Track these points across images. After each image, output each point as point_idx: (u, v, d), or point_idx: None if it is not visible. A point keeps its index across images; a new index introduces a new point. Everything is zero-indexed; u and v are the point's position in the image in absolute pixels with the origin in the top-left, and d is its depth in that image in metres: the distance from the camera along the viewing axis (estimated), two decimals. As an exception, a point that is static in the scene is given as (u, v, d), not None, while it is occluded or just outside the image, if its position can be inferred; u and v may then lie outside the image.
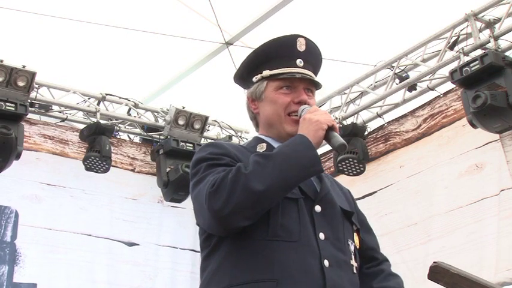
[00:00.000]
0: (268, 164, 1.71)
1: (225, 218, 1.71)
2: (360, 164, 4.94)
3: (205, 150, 1.92)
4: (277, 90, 1.97)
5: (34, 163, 4.83)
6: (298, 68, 1.97)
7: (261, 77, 2.00)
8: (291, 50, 2.00)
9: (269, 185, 1.69)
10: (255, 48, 2.08)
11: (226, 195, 1.69)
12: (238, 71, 2.11)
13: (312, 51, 2.04)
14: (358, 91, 5.24)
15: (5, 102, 4.43)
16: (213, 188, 1.72)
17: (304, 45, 2.02)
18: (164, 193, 5.28)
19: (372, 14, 5.09)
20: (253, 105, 2.05)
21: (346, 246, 1.88)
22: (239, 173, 1.71)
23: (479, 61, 4.06)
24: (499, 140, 4.26)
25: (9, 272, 4.49)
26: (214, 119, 5.76)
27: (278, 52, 2.00)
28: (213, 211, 1.71)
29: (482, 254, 4.18)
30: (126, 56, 5.54)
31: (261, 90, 2.00)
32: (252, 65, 2.04)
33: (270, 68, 1.99)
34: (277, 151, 1.78)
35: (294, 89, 1.97)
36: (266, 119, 2.01)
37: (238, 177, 1.70)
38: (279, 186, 1.72)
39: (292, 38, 2.02)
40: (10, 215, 4.62)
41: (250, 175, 1.69)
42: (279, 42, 2.03)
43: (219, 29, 5.35)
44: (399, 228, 4.76)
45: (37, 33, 5.23)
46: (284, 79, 1.97)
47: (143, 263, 5.16)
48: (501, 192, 4.18)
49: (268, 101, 1.99)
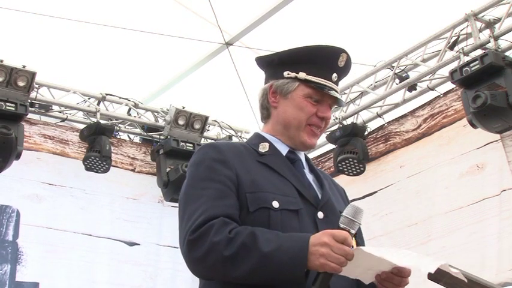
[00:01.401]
0: (253, 257, 1.65)
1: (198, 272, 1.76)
2: (360, 164, 4.94)
3: (204, 152, 1.89)
4: (306, 98, 1.95)
5: (35, 163, 4.84)
6: (332, 83, 1.97)
7: (295, 76, 1.97)
8: (332, 62, 1.98)
9: (244, 276, 1.66)
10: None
11: (201, 257, 1.70)
12: (271, 56, 2.06)
13: (347, 69, 2.04)
14: (358, 91, 5.23)
15: (5, 102, 4.43)
16: (192, 236, 1.72)
17: (344, 62, 2.00)
18: (164, 193, 5.28)
19: (371, 14, 5.09)
20: (273, 98, 2.00)
21: None
22: (218, 248, 1.67)
23: (479, 61, 4.06)
24: (500, 140, 4.25)
25: (11, 270, 4.50)
26: (214, 119, 5.75)
27: (320, 60, 1.97)
28: (190, 259, 1.75)
29: (483, 255, 4.17)
30: (126, 56, 5.55)
31: (289, 89, 1.96)
32: (290, 59, 2.00)
33: (307, 72, 1.96)
34: (268, 250, 1.65)
35: (321, 103, 1.96)
36: (284, 119, 1.98)
37: (216, 253, 1.67)
38: (254, 281, 1.68)
39: (337, 51, 2.00)
40: (12, 214, 4.63)
41: (230, 260, 1.66)
42: (325, 50, 2.00)
43: (219, 29, 5.35)
44: (399, 228, 4.76)
45: (37, 33, 5.23)
46: (316, 91, 1.94)
47: (144, 263, 5.16)
48: (502, 192, 4.18)
49: (294, 104, 1.96)
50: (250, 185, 1.81)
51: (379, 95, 5.05)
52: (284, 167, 1.91)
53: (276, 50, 2.08)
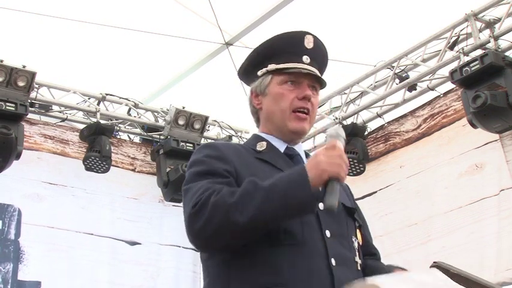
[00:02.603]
0: (257, 196, 1.65)
1: (203, 241, 1.73)
2: (360, 164, 4.94)
3: (201, 152, 1.90)
4: (281, 84, 1.94)
5: (35, 162, 4.84)
6: (304, 64, 1.94)
7: (266, 71, 1.97)
8: (298, 46, 1.96)
9: (251, 217, 1.63)
10: (273, 36, 2.03)
11: (205, 221, 1.67)
12: (243, 65, 2.07)
13: (319, 50, 2.01)
14: (358, 91, 5.24)
15: (5, 102, 4.43)
16: (194, 208, 1.71)
17: (312, 43, 1.98)
18: (164, 193, 5.29)
19: (371, 14, 5.09)
20: (256, 100, 2.00)
21: (351, 244, 1.87)
22: (221, 199, 1.67)
23: (479, 61, 4.06)
24: (499, 140, 4.26)
25: (13, 269, 4.51)
26: (214, 119, 5.76)
27: (285, 47, 1.97)
28: (192, 232, 1.72)
29: (482, 254, 4.18)
30: (126, 56, 5.54)
31: (265, 84, 1.96)
32: (258, 59, 2.01)
33: (276, 62, 1.95)
34: (270, 184, 1.67)
35: (299, 85, 1.93)
36: (269, 115, 1.97)
37: (219, 204, 1.66)
38: (263, 220, 1.66)
39: (301, 35, 1.99)
40: (13, 213, 4.63)
41: (234, 205, 1.65)
42: (287, 37, 1.99)
43: (219, 29, 5.35)
44: (399, 228, 4.76)
45: (37, 33, 5.22)
46: (289, 74, 1.93)
47: (145, 262, 5.17)
48: (501, 192, 4.19)
49: (272, 96, 1.95)
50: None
51: (379, 95, 5.05)
52: (282, 162, 1.90)
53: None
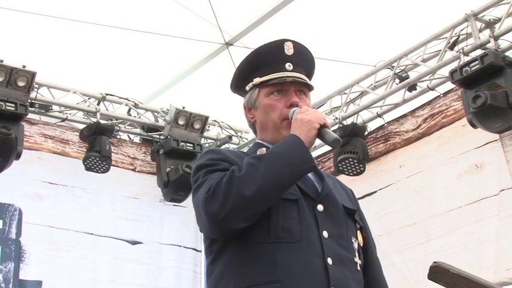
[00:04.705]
0: (261, 165, 1.74)
1: (222, 221, 1.73)
2: (360, 164, 4.94)
3: (205, 157, 1.94)
4: (268, 95, 1.99)
5: (36, 162, 4.85)
6: (287, 72, 1.98)
7: (252, 85, 2.02)
8: (278, 55, 2.01)
9: (262, 186, 1.71)
10: (253, 49, 2.08)
11: (221, 199, 1.71)
12: (232, 81, 2.13)
13: (301, 54, 2.04)
14: (358, 91, 5.24)
15: (5, 102, 4.43)
16: (208, 193, 1.75)
17: (292, 49, 2.02)
18: (164, 193, 5.29)
19: (371, 14, 5.09)
20: (250, 114, 2.07)
21: (350, 244, 1.89)
22: (232, 176, 1.74)
23: (479, 61, 4.06)
24: (499, 140, 4.26)
25: (15, 268, 4.52)
26: (214, 119, 5.76)
27: (266, 58, 2.01)
28: (210, 215, 1.74)
29: (481, 254, 4.18)
30: (126, 56, 5.54)
31: (254, 98, 2.02)
32: (244, 75, 2.06)
33: (260, 75, 2.00)
34: (269, 152, 1.81)
35: (285, 93, 1.98)
36: (263, 126, 2.03)
37: (232, 181, 1.72)
38: (272, 186, 1.74)
39: (279, 43, 2.03)
40: (14, 213, 4.64)
41: (243, 177, 1.72)
42: (266, 48, 2.04)
43: (219, 29, 5.35)
44: (399, 228, 4.77)
45: (37, 33, 5.22)
46: (274, 84, 1.98)
47: (147, 262, 5.18)
48: (501, 192, 4.19)
49: (262, 109, 2.00)
50: None
51: (379, 95, 5.05)
52: None
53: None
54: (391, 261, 4.63)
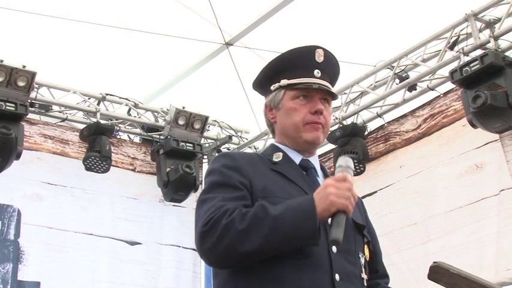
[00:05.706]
0: (265, 224, 1.69)
1: (212, 260, 1.78)
2: (360, 164, 4.94)
3: (219, 161, 1.94)
4: (294, 99, 1.98)
5: (35, 162, 4.85)
6: (315, 79, 1.99)
7: (278, 86, 2.02)
8: (309, 60, 2.01)
9: (258, 246, 1.69)
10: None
11: (214, 242, 1.72)
12: (256, 79, 2.13)
13: (329, 63, 2.05)
14: (358, 91, 5.24)
15: (5, 102, 4.43)
16: (205, 227, 1.74)
17: (322, 56, 2.03)
18: (164, 193, 5.29)
19: (371, 14, 5.09)
20: (271, 114, 2.06)
21: (357, 259, 1.89)
22: (232, 224, 1.71)
23: (479, 61, 4.06)
24: (499, 140, 4.26)
25: (13, 269, 4.51)
26: (214, 119, 5.76)
27: (296, 62, 2.02)
28: (201, 250, 1.76)
29: (482, 254, 4.18)
30: (126, 56, 5.54)
31: (278, 99, 2.02)
32: (271, 74, 2.06)
33: (288, 77, 2.00)
34: (279, 210, 1.72)
35: (311, 99, 1.98)
36: (283, 128, 2.02)
37: (229, 229, 1.70)
38: (269, 248, 1.71)
39: (311, 49, 2.03)
40: (13, 214, 4.64)
41: (243, 231, 1.69)
42: (297, 52, 2.04)
43: (219, 29, 5.35)
44: (399, 228, 4.76)
45: (37, 33, 5.22)
46: (301, 89, 1.98)
47: (146, 262, 5.17)
48: (501, 192, 4.19)
49: (286, 110, 2.00)
50: (263, 191, 1.85)
51: (379, 95, 5.05)
52: (296, 175, 1.94)
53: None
54: (392, 262, 4.62)
